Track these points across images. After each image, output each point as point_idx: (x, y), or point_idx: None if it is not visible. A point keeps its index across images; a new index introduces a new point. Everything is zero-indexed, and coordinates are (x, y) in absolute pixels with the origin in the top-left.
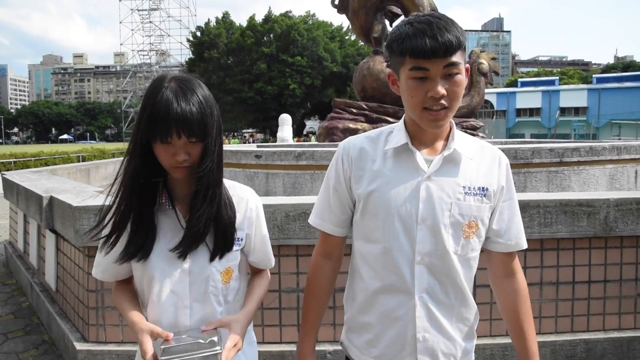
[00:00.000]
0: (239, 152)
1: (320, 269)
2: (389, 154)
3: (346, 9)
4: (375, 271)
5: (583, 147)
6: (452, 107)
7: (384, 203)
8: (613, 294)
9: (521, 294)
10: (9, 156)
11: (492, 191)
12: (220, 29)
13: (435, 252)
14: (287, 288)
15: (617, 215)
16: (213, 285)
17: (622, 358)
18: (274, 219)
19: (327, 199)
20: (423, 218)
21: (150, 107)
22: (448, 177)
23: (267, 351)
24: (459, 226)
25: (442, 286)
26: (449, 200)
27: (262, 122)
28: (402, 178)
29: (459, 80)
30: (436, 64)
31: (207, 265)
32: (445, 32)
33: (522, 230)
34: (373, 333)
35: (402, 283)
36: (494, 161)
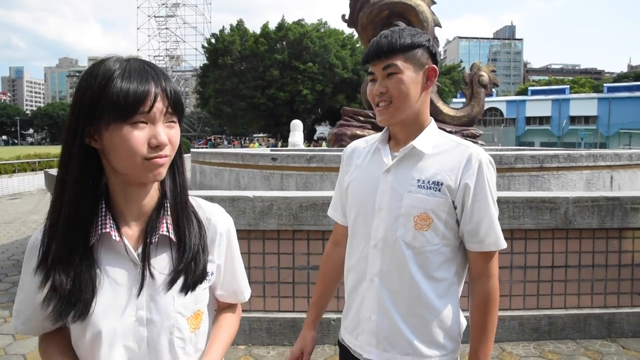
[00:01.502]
0: (257, 155)
1: (329, 254)
2: (370, 151)
3: (356, 24)
4: (347, 251)
5: (562, 154)
6: (396, 102)
7: (354, 192)
8: (573, 278)
9: (484, 300)
10: (33, 156)
11: (447, 186)
12: (235, 36)
13: (387, 239)
14: (299, 266)
15: (575, 211)
16: (179, 336)
17: (580, 331)
18: (289, 209)
19: (337, 192)
20: (379, 207)
21: (113, 82)
22: (404, 171)
23: (282, 318)
24: (410, 217)
25: (393, 273)
26: (402, 191)
27: (274, 127)
28: (370, 171)
29: (399, 78)
30: (377, 67)
31: (170, 311)
32: (382, 40)
33: (496, 231)
34: (346, 305)
35: (360, 264)
36: (462, 159)
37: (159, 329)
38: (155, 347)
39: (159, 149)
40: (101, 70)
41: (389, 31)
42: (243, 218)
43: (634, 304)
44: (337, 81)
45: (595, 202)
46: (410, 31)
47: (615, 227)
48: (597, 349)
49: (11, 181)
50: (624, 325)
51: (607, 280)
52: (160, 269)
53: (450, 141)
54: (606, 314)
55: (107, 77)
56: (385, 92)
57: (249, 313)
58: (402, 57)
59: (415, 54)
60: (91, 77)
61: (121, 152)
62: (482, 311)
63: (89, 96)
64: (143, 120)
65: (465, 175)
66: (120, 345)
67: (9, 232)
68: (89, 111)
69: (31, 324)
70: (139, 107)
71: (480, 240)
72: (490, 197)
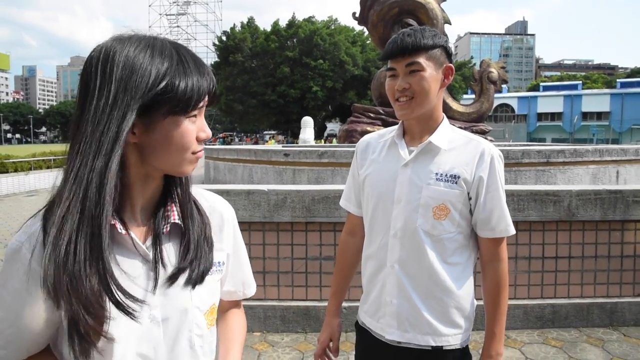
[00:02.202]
0: (270, 151)
1: (346, 244)
2: (385, 146)
3: (366, 22)
4: (367, 240)
5: (568, 149)
6: (418, 98)
7: (372, 185)
8: (576, 268)
9: (496, 281)
10: (49, 154)
11: (463, 179)
12: (245, 34)
13: (406, 228)
14: (311, 256)
15: (579, 203)
16: (199, 333)
17: (583, 319)
18: (302, 202)
19: (350, 185)
20: (398, 198)
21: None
22: (423, 165)
23: (296, 306)
24: (429, 207)
25: (412, 260)
26: (420, 184)
27: (284, 124)
28: (388, 165)
29: (421, 75)
30: (399, 64)
31: (188, 306)
32: (406, 38)
33: (507, 219)
34: (365, 291)
35: (380, 252)
36: (476, 154)
37: (176, 327)
38: (174, 350)
39: (203, 143)
40: (160, 49)
41: (411, 30)
42: (258, 211)
43: (636, 294)
44: (347, 78)
45: (598, 195)
46: (431, 31)
47: (617, 219)
48: (599, 337)
49: (27, 179)
50: (625, 314)
51: (610, 270)
52: (171, 262)
53: (463, 136)
54: (608, 303)
55: (165, 66)
56: (407, 87)
57: (264, 301)
58: (425, 56)
59: (436, 53)
60: (137, 61)
61: (173, 146)
62: (495, 291)
63: (141, 84)
64: (196, 114)
65: (480, 168)
66: (133, 353)
67: None
68: (142, 102)
69: (15, 346)
70: (200, 101)
71: (492, 228)
72: (501, 188)
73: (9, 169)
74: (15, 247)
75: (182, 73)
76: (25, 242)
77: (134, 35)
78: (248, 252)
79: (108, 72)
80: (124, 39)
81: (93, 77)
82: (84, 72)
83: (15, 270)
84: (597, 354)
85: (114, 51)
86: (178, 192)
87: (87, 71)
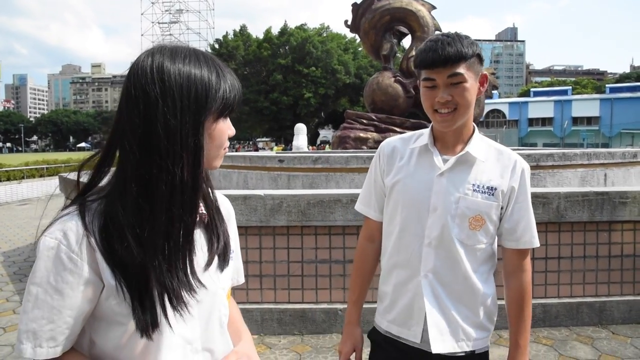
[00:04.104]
0: (265, 157)
1: (365, 250)
2: (414, 152)
3: (358, 29)
4: (394, 248)
5: (556, 153)
6: (460, 110)
7: (404, 192)
8: (565, 268)
9: (523, 290)
10: (41, 162)
11: (500, 191)
12: (238, 42)
13: (442, 237)
14: (307, 259)
15: (567, 205)
16: (225, 313)
17: (572, 318)
18: (298, 206)
19: (370, 189)
20: (434, 207)
21: (219, 79)
22: (459, 175)
23: (292, 308)
24: (465, 218)
25: (446, 269)
26: (458, 194)
27: (277, 131)
28: (421, 173)
29: (464, 87)
30: (440, 74)
31: (217, 287)
32: (447, 47)
33: (532, 230)
34: (389, 300)
35: (412, 261)
36: (509, 165)
37: (209, 308)
38: (207, 329)
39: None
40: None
41: (450, 38)
42: (255, 215)
43: (624, 293)
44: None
45: (585, 196)
46: (467, 39)
47: (604, 220)
48: (589, 335)
49: (20, 187)
50: (614, 313)
51: (598, 270)
52: (203, 249)
53: (494, 148)
54: (597, 302)
55: (215, 75)
56: (450, 100)
57: (261, 304)
58: (466, 66)
59: (474, 62)
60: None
61: (214, 144)
62: (520, 303)
63: (199, 93)
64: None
65: (512, 180)
66: (176, 333)
67: (23, 235)
68: (201, 107)
69: (53, 343)
70: (237, 103)
71: (517, 238)
72: (529, 200)
73: (1, 177)
74: (51, 245)
75: (223, 79)
76: (62, 239)
77: (174, 47)
78: (245, 256)
79: (167, 85)
80: (165, 51)
81: (152, 88)
82: (137, 83)
83: (53, 268)
84: (587, 351)
85: (166, 64)
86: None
87: (141, 83)
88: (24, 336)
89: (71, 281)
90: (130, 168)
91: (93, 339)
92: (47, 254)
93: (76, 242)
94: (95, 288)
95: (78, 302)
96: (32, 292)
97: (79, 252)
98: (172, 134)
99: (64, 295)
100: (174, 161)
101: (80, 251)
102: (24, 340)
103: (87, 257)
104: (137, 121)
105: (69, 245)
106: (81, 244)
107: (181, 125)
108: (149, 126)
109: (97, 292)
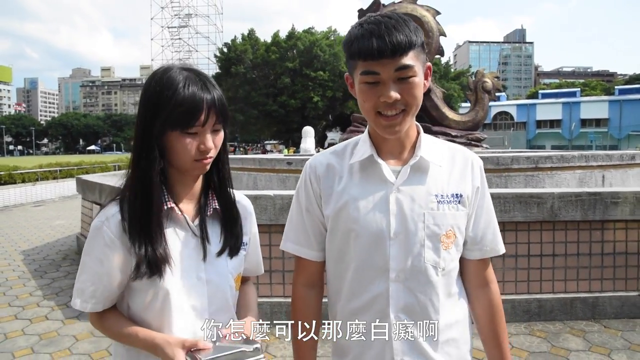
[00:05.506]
0: (274, 160)
1: (304, 299)
2: (355, 168)
3: None
4: (350, 291)
5: (555, 155)
6: (410, 111)
7: (353, 220)
8: (560, 265)
9: (495, 305)
10: (55, 165)
11: (466, 197)
12: (246, 45)
13: (412, 267)
14: None
15: (561, 205)
16: (231, 293)
17: (566, 313)
18: None
19: (302, 223)
20: (396, 233)
21: (173, 96)
22: (418, 187)
23: None
24: (437, 237)
25: (421, 304)
26: (421, 210)
27: (285, 134)
28: (370, 192)
29: (414, 82)
30: (387, 67)
31: (224, 271)
32: (394, 32)
33: (499, 234)
34: (352, 355)
35: (377, 302)
36: (467, 165)
37: (217, 286)
38: (214, 303)
39: (206, 153)
40: (165, 83)
41: (391, 19)
42: (265, 214)
43: (616, 289)
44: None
45: (578, 197)
46: (410, 21)
47: (597, 220)
48: (582, 328)
49: (34, 189)
50: (606, 308)
51: (591, 267)
52: (214, 238)
53: (445, 147)
54: (590, 298)
55: (170, 92)
56: (399, 98)
57: (271, 298)
58: (414, 56)
59: (421, 52)
60: (158, 86)
61: (176, 153)
62: (494, 320)
63: (156, 105)
64: (196, 131)
65: (475, 180)
66: (186, 303)
67: (40, 235)
68: (156, 117)
69: (94, 301)
70: (194, 122)
71: (483, 247)
72: (490, 198)
73: (16, 179)
74: (97, 225)
75: (179, 99)
76: (105, 222)
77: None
78: None
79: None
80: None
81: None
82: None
83: (97, 243)
84: (578, 342)
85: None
86: (217, 186)
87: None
88: (75, 293)
89: (108, 254)
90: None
91: (129, 303)
92: (94, 233)
93: (114, 225)
94: (126, 261)
95: (113, 270)
96: (82, 260)
97: (115, 233)
98: (137, 136)
99: (103, 264)
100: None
101: (116, 232)
102: (75, 296)
103: (121, 237)
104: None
105: (109, 226)
106: (117, 227)
107: (141, 129)
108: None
109: (128, 265)
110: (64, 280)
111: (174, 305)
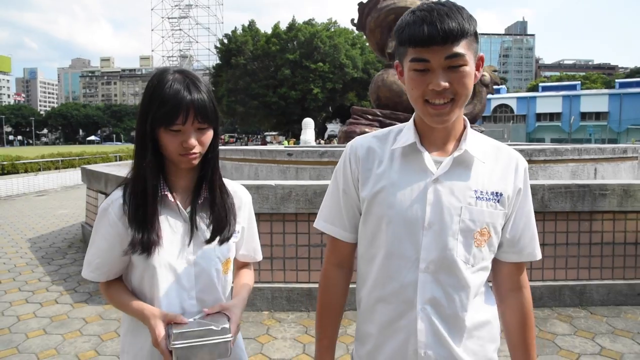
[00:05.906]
0: (274, 151)
1: (333, 279)
2: (396, 154)
3: (364, 28)
4: (377, 278)
5: (548, 148)
6: (459, 100)
7: (388, 205)
8: (549, 254)
9: (527, 311)
10: (56, 155)
11: (506, 197)
12: (247, 37)
13: (443, 260)
14: (314, 244)
15: (551, 196)
16: (217, 276)
17: (555, 299)
18: (306, 195)
19: (337, 203)
20: (430, 223)
21: (160, 96)
22: (458, 180)
23: (300, 287)
24: (470, 233)
25: (449, 298)
26: (459, 204)
27: (285, 125)
28: (409, 180)
29: (465, 71)
30: (437, 54)
31: (212, 255)
32: (447, 19)
33: (537, 239)
34: (373, 344)
35: (404, 292)
36: (511, 164)
37: (203, 268)
38: (200, 281)
39: (189, 149)
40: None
41: (444, 7)
42: (266, 203)
43: (603, 277)
44: (347, 80)
45: (568, 189)
46: (465, 10)
47: (586, 211)
48: (569, 314)
49: (37, 179)
50: (593, 295)
51: (580, 256)
52: (203, 225)
53: (490, 144)
54: (578, 285)
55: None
56: (448, 87)
57: (272, 284)
58: (466, 45)
59: (473, 41)
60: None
61: (164, 148)
62: (525, 326)
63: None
64: (178, 129)
65: (518, 181)
66: (173, 281)
67: (45, 224)
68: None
69: (99, 272)
70: (174, 120)
71: (520, 250)
72: (531, 202)
73: (19, 169)
74: (104, 207)
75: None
76: (110, 205)
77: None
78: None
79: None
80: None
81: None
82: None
83: (103, 222)
84: (564, 327)
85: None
86: (209, 178)
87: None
88: (85, 264)
89: (111, 232)
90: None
91: (130, 277)
92: (101, 213)
93: (117, 207)
94: (126, 239)
95: (113, 246)
96: (92, 237)
97: (118, 214)
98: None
99: (107, 241)
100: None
101: (118, 213)
102: (84, 267)
103: (122, 218)
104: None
105: (113, 209)
106: (119, 209)
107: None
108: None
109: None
110: (71, 267)
111: (160, 281)
